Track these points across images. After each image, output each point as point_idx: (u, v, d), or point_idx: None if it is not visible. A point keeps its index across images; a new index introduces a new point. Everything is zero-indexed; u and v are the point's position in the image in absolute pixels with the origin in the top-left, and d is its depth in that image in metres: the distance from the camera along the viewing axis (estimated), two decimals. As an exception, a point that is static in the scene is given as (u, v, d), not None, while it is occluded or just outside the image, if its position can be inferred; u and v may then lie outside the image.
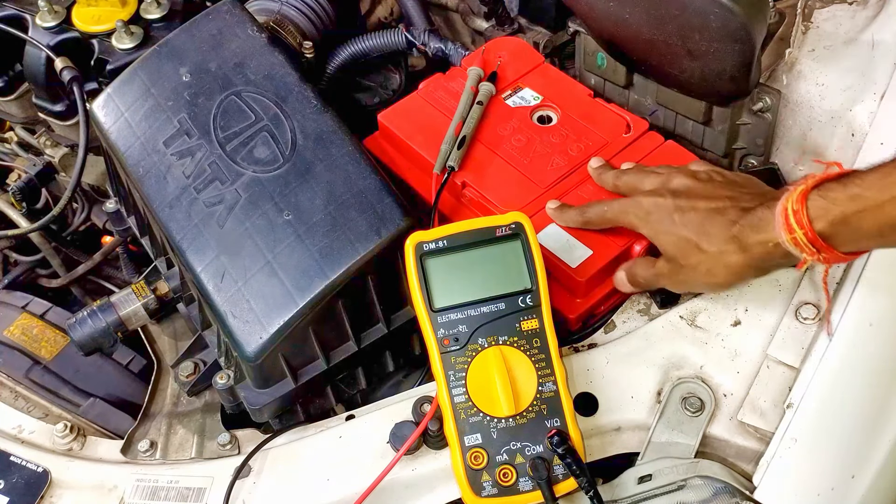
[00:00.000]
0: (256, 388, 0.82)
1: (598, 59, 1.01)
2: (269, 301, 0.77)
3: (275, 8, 1.13)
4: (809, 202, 0.66)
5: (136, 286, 0.93)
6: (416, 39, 1.13)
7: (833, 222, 0.65)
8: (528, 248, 0.74)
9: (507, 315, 0.73)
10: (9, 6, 1.16)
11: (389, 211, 0.80)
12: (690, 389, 0.76)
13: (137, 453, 0.86)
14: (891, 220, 0.64)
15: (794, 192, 0.67)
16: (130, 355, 1.05)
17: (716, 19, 0.79)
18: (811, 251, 0.67)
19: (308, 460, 0.79)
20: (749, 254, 0.71)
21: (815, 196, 0.66)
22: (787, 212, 0.67)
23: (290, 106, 0.87)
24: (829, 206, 0.65)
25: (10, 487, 0.82)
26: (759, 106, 0.92)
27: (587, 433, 0.74)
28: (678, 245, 0.75)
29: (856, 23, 0.94)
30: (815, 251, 0.66)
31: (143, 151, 0.88)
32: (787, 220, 0.67)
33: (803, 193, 0.67)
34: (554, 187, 0.89)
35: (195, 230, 0.82)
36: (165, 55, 0.92)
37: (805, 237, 0.66)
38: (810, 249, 0.66)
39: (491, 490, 0.69)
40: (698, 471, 0.71)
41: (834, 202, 0.65)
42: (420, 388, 0.82)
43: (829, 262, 0.68)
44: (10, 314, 1.06)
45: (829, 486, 0.68)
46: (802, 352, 0.75)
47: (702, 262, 0.74)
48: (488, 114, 0.96)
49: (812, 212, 0.66)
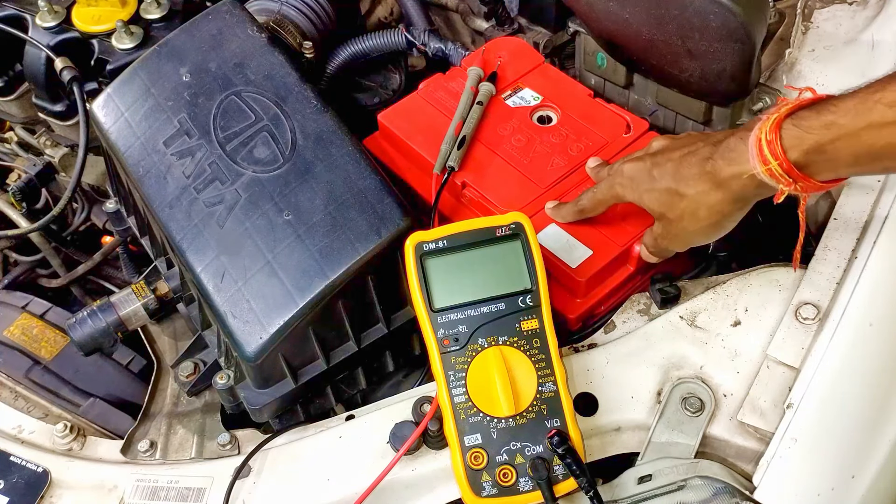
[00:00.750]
0: (256, 388, 0.82)
1: (598, 59, 1.01)
2: (269, 301, 0.77)
3: (275, 8, 1.13)
4: (783, 131, 0.64)
5: (136, 286, 0.93)
6: (416, 39, 1.13)
7: (808, 151, 0.64)
8: (528, 248, 0.74)
9: (507, 315, 0.73)
10: (9, 6, 1.16)
11: (389, 211, 0.80)
12: (690, 389, 0.76)
13: (137, 453, 0.86)
14: (867, 148, 0.62)
15: (767, 122, 0.65)
16: (130, 355, 1.05)
17: (716, 19, 0.80)
18: (787, 181, 0.65)
19: (308, 460, 0.79)
20: (726, 189, 0.70)
21: (788, 125, 0.64)
22: (760, 143, 0.65)
23: (290, 106, 0.87)
24: (804, 134, 0.63)
25: (10, 487, 0.82)
26: (758, 106, 0.92)
27: (587, 433, 0.74)
28: (661, 199, 0.75)
29: (856, 23, 0.94)
30: (790, 181, 0.65)
31: (143, 151, 0.88)
32: (760, 152, 0.65)
33: (777, 122, 0.65)
34: (554, 187, 0.89)
35: (195, 230, 0.82)
36: (165, 55, 0.92)
37: (780, 168, 0.64)
38: (786, 180, 0.65)
39: (491, 490, 0.69)
40: (698, 471, 0.71)
41: (808, 130, 0.63)
42: (420, 388, 0.82)
43: (806, 191, 0.66)
44: (10, 314, 1.06)
45: (829, 486, 0.68)
46: (802, 352, 0.75)
47: (685, 208, 0.73)
48: (488, 114, 0.96)
49: (786, 141, 0.64)
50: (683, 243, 0.79)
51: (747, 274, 0.81)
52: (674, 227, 0.76)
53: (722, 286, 0.81)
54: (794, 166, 0.64)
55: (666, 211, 0.75)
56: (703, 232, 0.76)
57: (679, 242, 0.79)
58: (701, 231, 0.76)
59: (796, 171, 0.64)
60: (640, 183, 0.76)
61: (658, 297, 0.82)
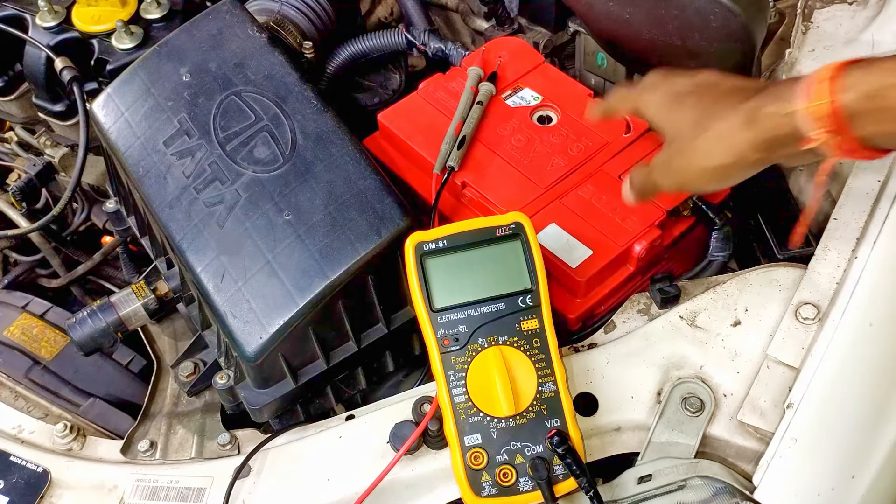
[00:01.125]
0: (256, 388, 0.82)
1: (598, 59, 1.01)
2: (269, 301, 0.77)
3: (275, 8, 1.13)
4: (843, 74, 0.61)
5: (136, 286, 0.93)
6: (416, 39, 1.13)
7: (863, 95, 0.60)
8: (528, 248, 0.74)
9: (507, 315, 0.73)
10: (9, 6, 1.16)
11: (389, 211, 0.80)
12: (690, 389, 0.76)
13: (137, 453, 0.86)
14: None
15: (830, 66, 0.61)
16: (130, 355, 1.05)
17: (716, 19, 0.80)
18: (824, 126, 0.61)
19: (308, 460, 0.79)
20: (758, 127, 0.65)
21: (851, 69, 0.61)
22: (813, 79, 0.61)
23: (290, 106, 0.87)
24: (865, 76, 0.60)
25: (10, 487, 0.82)
26: (759, 106, 0.92)
27: (587, 433, 0.74)
28: (681, 124, 0.71)
29: (856, 23, 0.94)
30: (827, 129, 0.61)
31: (143, 151, 0.88)
32: (809, 88, 0.61)
33: (840, 65, 0.61)
34: (554, 187, 0.89)
35: (195, 230, 0.82)
36: (165, 55, 0.92)
37: (825, 108, 0.60)
38: (824, 124, 0.61)
39: (491, 490, 0.69)
40: (698, 471, 0.71)
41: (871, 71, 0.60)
42: (420, 388, 0.82)
43: (837, 149, 0.62)
44: (10, 314, 1.06)
45: (829, 486, 0.68)
46: (802, 352, 0.75)
47: (702, 141, 0.68)
48: (488, 114, 0.96)
49: (844, 82, 0.60)
50: (679, 181, 0.74)
51: (747, 274, 0.81)
52: (680, 159, 0.71)
53: (722, 286, 0.81)
54: (844, 110, 0.60)
55: (681, 138, 0.70)
56: (708, 174, 0.70)
57: (676, 178, 0.73)
58: (706, 172, 0.70)
59: (840, 116, 0.60)
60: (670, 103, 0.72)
61: (658, 297, 0.82)
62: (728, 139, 0.67)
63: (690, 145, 0.70)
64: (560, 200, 0.88)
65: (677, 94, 0.72)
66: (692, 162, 0.70)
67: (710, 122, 0.68)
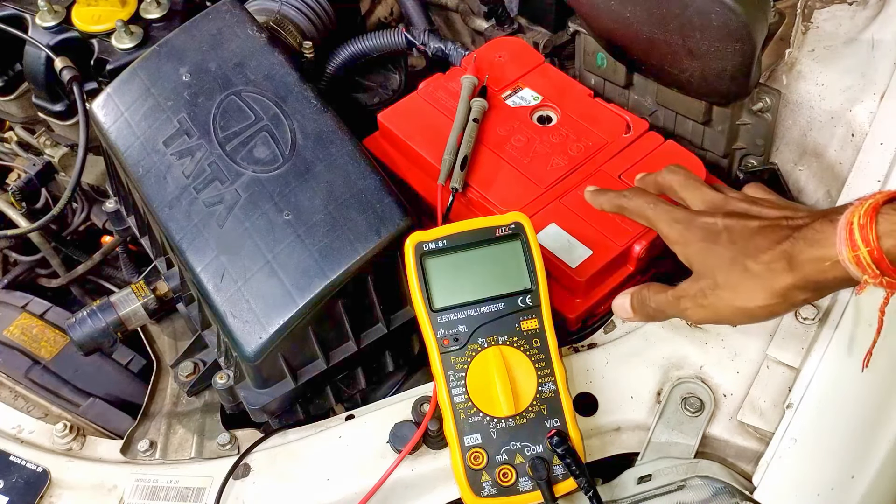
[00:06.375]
0: (256, 388, 0.82)
1: (598, 59, 1.01)
2: (268, 301, 0.77)
3: (275, 8, 1.13)
4: (880, 217, 0.59)
5: (135, 286, 0.93)
6: (416, 39, 1.13)
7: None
8: (527, 248, 0.74)
9: (506, 315, 0.73)
10: (9, 6, 1.16)
11: (389, 211, 0.80)
12: (690, 389, 0.76)
13: (137, 453, 0.86)
14: None
15: (862, 206, 0.60)
16: (130, 355, 1.05)
17: (717, 18, 0.79)
18: (874, 273, 0.59)
19: (308, 460, 0.79)
20: (799, 272, 0.63)
21: (887, 210, 0.59)
22: (851, 226, 0.59)
23: (290, 106, 0.87)
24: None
25: (10, 487, 0.82)
26: (758, 106, 0.92)
27: (587, 433, 0.74)
28: (715, 261, 0.67)
29: (856, 23, 0.94)
30: (878, 273, 0.59)
31: (143, 151, 0.88)
32: (850, 236, 0.59)
33: (873, 207, 0.59)
34: (554, 187, 0.89)
35: (195, 230, 0.82)
36: (165, 55, 0.92)
37: (870, 256, 0.58)
38: (873, 271, 0.58)
39: (490, 490, 0.69)
40: (698, 471, 0.71)
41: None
42: (420, 387, 0.82)
43: (894, 287, 0.60)
44: (10, 314, 1.06)
45: (829, 486, 0.68)
46: (802, 352, 0.75)
47: (742, 282, 0.66)
48: (488, 114, 0.96)
49: (882, 227, 0.58)
50: (713, 316, 0.70)
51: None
52: (712, 297, 0.68)
53: (722, 286, 0.81)
54: (887, 256, 0.58)
55: (716, 276, 0.67)
56: (748, 313, 0.67)
57: (709, 313, 0.69)
58: (741, 311, 0.67)
59: (887, 262, 0.58)
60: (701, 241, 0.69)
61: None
62: (770, 282, 0.64)
63: (728, 283, 0.67)
64: (560, 200, 0.88)
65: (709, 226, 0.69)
66: (731, 301, 0.67)
67: (748, 262, 0.65)
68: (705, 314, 0.70)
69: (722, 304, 0.68)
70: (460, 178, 0.89)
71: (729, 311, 0.68)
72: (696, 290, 0.69)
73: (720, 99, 0.91)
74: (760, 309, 0.66)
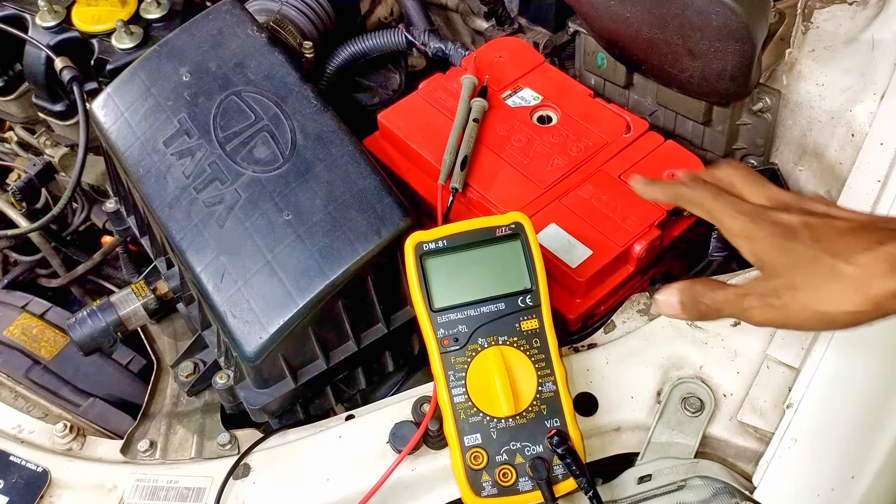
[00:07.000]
0: (256, 388, 0.82)
1: (598, 59, 1.01)
2: (268, 301, 0.77)
3: (275, 8, 1.13)
4: None
5: (135, 286, 0.93)
6: (416, 39, 1.13)
7: None
8: (527, 248, 0.74)
9: (506, 315, 0.73)
10: (9, 6, 1.16)
11: (389, 211, 0.80)
12: (690, 389, 0.76)
13: (137, 453, 0.86)
14: None
15: None
16: (130, 355, 1.05)
17: (717, 18, 0.79)
18: None
19: (308, 460, 0.79)
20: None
21: None
22: None
23: (290, 106, 0.87)
24: None
25: (10, 487, 0.82)
26: (758, 106, 0.92)
27: (587, 433, 0.74)
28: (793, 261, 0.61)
29: (856, 23, 0.94)
30: None
31: (143, 151, 0.88)
32: None
33: None
34: (554, 187, 0.89)
35: (195, 230, 0.82)
36: (165, 55, 0.92)
37: None
38: None
39: (491, 490, 0.69)
40: (698, 471, 0.71)
41: None
42: (420, 387, 0.82)
43: None
44: (10, 314, 1.06)
45: (829, 487, 0.68)
46: (802, 352, 0.75)
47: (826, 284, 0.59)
48: (488, 114, 0.96)
49: None
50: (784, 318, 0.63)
51: (747, 274, 0.81)
52: (792, 298, 0.61)
53: (722, 286, 0.81)
54: None
55: (793, 274, 0.61)
56: (829, 318, 0.60)
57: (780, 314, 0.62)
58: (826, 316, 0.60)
59: None
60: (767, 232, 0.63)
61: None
62: (867, 286, 0.58)
63: (808, 284, 0.60)
64: (560, 200, 0.88)
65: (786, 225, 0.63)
66: (808, 304, 0.60)
67: (838, 264, 0.59)
68: (773, 315, 0.63)
69: (797, 307, 0.61)
70: (460, 178, 0.89)
71: (804, 315, 0.61)
72: (768, 289, 0.62)
73: (720, 99, 0.91)
74: (847, 315, 0.59)
